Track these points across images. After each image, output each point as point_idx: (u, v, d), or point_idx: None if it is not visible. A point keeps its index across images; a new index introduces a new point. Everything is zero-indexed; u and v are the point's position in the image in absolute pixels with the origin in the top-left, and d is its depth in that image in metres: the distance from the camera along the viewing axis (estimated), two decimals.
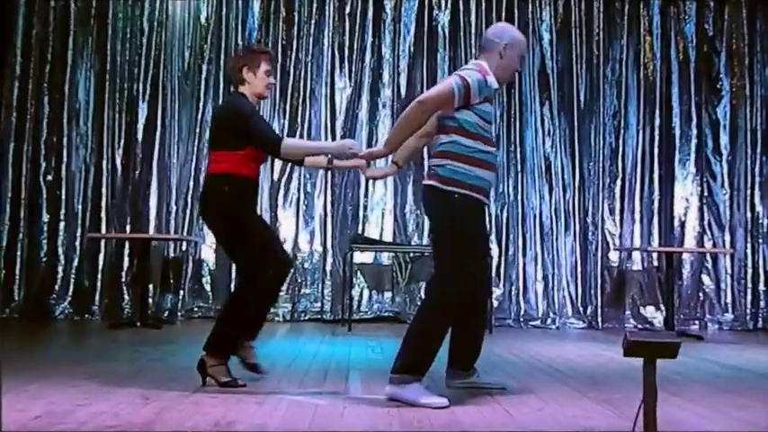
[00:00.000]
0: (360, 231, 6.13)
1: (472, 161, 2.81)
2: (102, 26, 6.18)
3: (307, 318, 6.12)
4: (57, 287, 5.94)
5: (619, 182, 6.39)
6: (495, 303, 6.02)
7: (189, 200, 6.15)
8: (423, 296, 3.00)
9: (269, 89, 3.32)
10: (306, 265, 6.13)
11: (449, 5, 6.43)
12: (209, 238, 6.17)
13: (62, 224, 6.01)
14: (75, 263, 5.98)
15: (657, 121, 6.44)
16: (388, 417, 2.57)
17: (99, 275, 5.98)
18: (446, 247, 2.85)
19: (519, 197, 6.30)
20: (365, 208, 6.22)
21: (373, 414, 2.62)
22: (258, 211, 6.11)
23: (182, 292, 6.04)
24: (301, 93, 6.27)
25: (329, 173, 5.96)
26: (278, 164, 6.23)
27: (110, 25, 6.17)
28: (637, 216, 6.39)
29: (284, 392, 2.94)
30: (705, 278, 6.34)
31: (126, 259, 6.03)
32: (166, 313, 5.96)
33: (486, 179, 2.85)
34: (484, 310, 3.21)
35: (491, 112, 2.92)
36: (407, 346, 2.78)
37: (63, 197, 6.04)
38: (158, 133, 6.16)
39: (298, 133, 6.24)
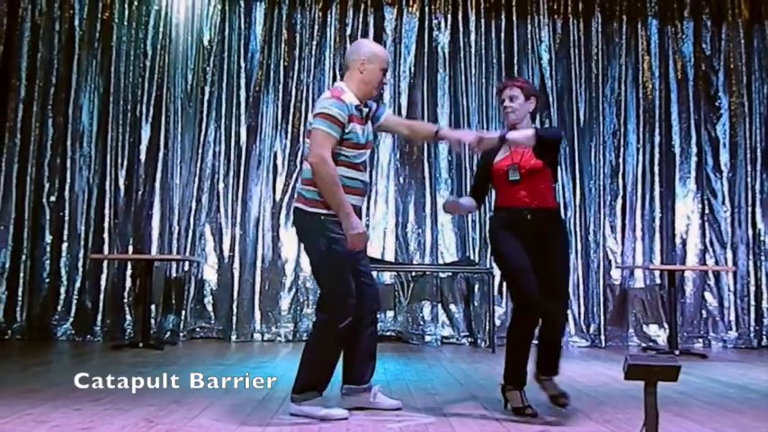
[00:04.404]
0: None
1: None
2: (107, 49, 6.24)
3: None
4: (59, 308, 5.93)
5: (620, 200, 6.41)
6: (498, 322, 6.01)
7: (191, 220, 6.17)
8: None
9: None
10: (308, 285, 6.12)
11: (448, 26, 6.50)
12: (211, 258, 6.19)
13: (65, 245, 6.03)
14: (78, 284, 5.99)
15: (657, 139, 6.47)
16: None
17: (101, 296, 5.98)
18: (320, 269, 2.96)
19: None
20: (366, 227, 6.21)
21: None
22: (260, 231, 6.25)
23: (184, 312, 6.03)
24: (303, 113, 6.32)
25: None
26: (279, 183, 6.27)
27: (114, 48, 6.24)
28: (638, 234, 6.39)
29: (287, 414, 2.93)
30: (708, 296, 6.33)
31: (128, 280, 6.03)
32: (168, 334, 5.95)
33: (352, 204, 2.90)
34: (372, 324, 3.12)
35: (359, 134, 2.93)
36: (303, 369, 2.94)
37: (66, 218, 6.06)
38: (161, 154, 6.20)
39: (299, 153, 6.27)
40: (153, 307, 5.84)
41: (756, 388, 3.96)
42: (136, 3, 6.31)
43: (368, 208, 6.24)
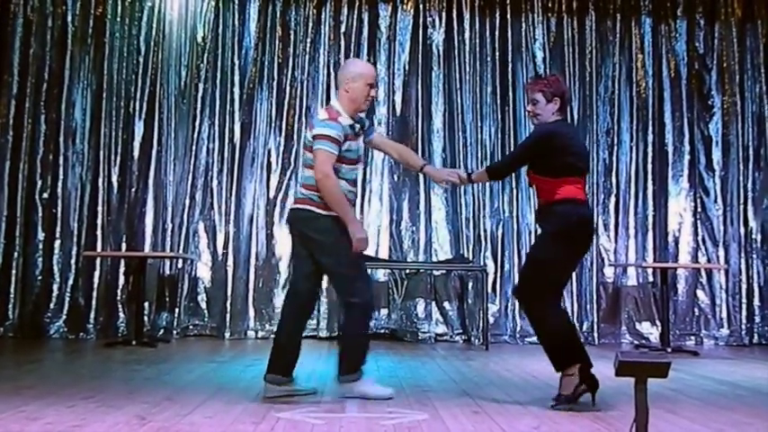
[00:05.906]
0: None
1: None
2: (100, 45, 6.22)
3: (303, 335, 6.09)
4: (52, 305, 5.91)
5: (613, 198, 6.43)
6: (492, 320, 6.03)
7: (185, 217, 6.16)
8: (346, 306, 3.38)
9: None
10: None
11: (443, 24, 6.50)
12: (205, 256, 6.18)
13: (57, 242, 6.01)
14: (71, 281, 5.96)
15: (650, 138, 6.49)
16: None
17: (94, 293, 5.96)
18: (343, 261, 3.21)
19: (514, 213, 6.33)
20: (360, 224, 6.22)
21: None
22: (254, 228, 6.24)
23: (177, 309, 6.02)
24: (297, 110, 6.31)
25: None
26: (273, 180, 6.27)
27: (107, 44, 6.21)
28: (631, 232, 6.42)
29: (280, 412, 2.94)
30: (700, 293, 6.36)
31: (121, 277, 6.02)
32: (162, 331, 5.94)
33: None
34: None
35: (356, 149, 3.24)
36: (354, 351, 3.27)
37: (59, 215, 6.03)
38: (154, 151, 6.18)
39: (293, 150, 6.27)
40: (146, 304, 5.82)
41: (747, 385, 3.98)
42: None
43: (362, 206, 6.25)
